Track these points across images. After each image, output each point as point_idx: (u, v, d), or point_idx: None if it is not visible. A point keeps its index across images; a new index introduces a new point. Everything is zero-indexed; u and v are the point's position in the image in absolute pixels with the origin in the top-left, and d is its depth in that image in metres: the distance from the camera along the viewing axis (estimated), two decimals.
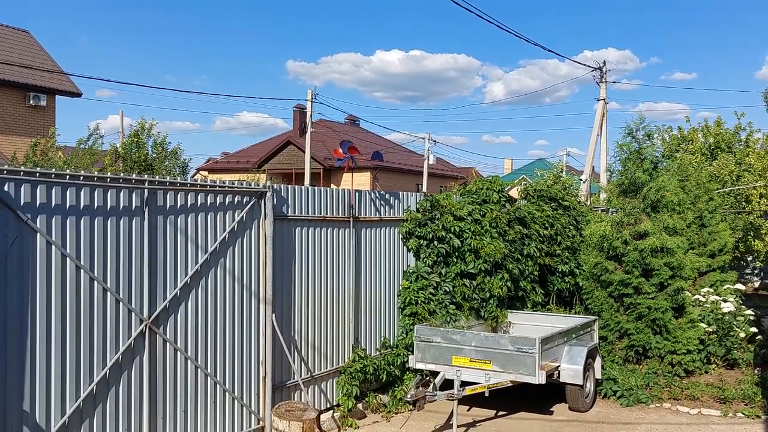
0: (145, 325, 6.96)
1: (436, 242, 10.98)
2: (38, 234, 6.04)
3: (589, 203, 18.85)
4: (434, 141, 42.73)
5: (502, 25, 35.04)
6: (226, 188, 7.96)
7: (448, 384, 9.51)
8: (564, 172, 24.92)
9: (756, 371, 11.61)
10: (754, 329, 12.79)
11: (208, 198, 7.75)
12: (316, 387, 9.34)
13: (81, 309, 6.38)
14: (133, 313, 6.86)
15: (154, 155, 23.68)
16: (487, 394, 9.25)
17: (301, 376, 8.96)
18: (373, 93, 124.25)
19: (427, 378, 10.03)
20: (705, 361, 11.95)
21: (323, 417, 9.10)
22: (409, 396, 9.07)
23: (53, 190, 6.17)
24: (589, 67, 23.08)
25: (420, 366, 9.99)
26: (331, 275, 9.57)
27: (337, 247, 9.69)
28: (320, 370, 9.37)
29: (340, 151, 10.28)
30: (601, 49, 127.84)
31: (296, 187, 9.02)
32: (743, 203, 21.29)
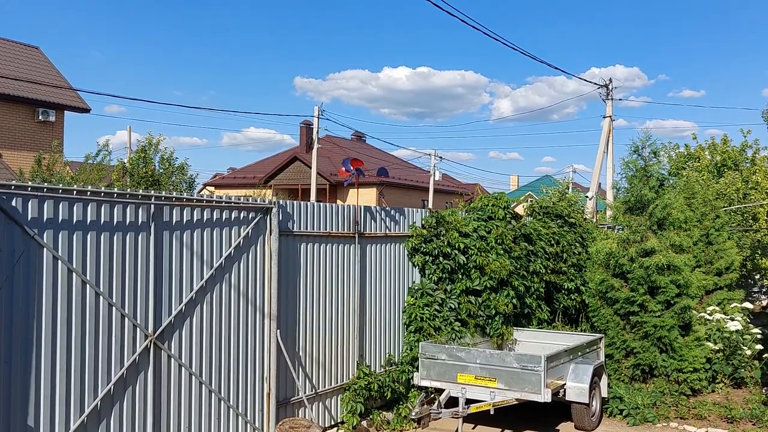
0: (150, 341, 6.97)
1: (441, 258, 10.98)
2: (45, 249, 6.08)
3: (595, 220, 18.82)
4: (440, 157, 42.69)
5: (508, 43, 35.10)
6: (232, 204, 7.99)
7: (452, 401, 9.47)
8: (570, 189, 24.92)
9: (764, 390, 11.52)
10: (760, 347, 12.71)
11: (214, 213, 7.78)
12: (320, 404, 9.31)
13: (86, 324, 6.40)
14: (138, 329, 6.88)
15: (161, 171, 23.84)
16: (492, 412, 9.21)
17: (305, 392, 8.94)
18: (380, 109, 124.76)
19: (432, 395, 9.99)
20: (712, 379, 11.88)
21: None
22: (413, 413, 9.03)
23: (60, 206, 6.21)
24: (596, 84, 23.09)
25: (425, 383, 9.95)
26: (336, 291, 9.57)
27: (342, 263, 9.70)
28: (324, 386, 9.35)
29: (344, 170, 10.31)
30: (609, 66, 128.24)
31: (302, 202, 9.04)
32: (750, 221, 21.23)
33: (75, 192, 6.34)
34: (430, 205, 39.14)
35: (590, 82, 23.77)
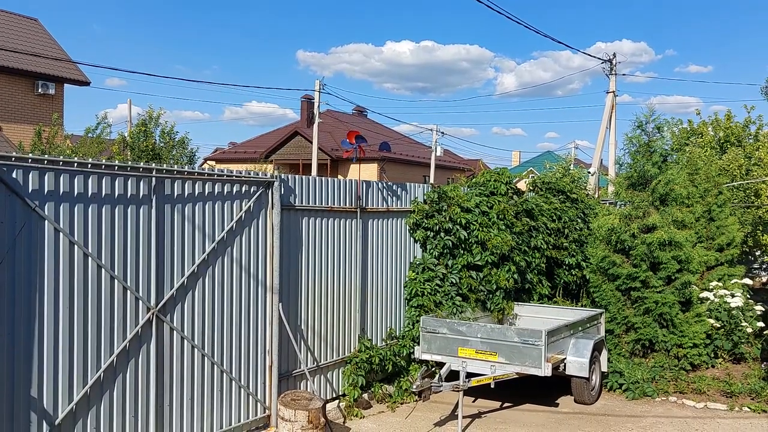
0: (153, 313, 6.99)
1: (443, 234, 10.97)
2: (46, 221, 6.06)
3: (597, 196, 18.76)
4: (442, 132, 42.55)
5: (512, 16, 34.79)
6: (234, 177, 7.95)
7: (453, 375, 9.52)
8: (572, 165, 24.82)
9: (763, 366, 11.57)
10: (761, 324, 12.73)
11: (216, 187, 7.75)
12: (322, 376, 9.36)
13: (88, 296, 6.41)
14: (140, 301, 6.89)
15: (161, 144, 23.76)
16: (492, 386, 9.26)
17: (307, 365, 8.98)
18: (383, 84, 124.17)
19: (433, 369, 10.04)
20: (712, 355, 11.91)
21: (329, 406, 9.13)
22: (414, 386, 9.08)
23: (61, 178, 6.19)
24: (599, 59, 22.87)
25: (426, 357, 10.00)
26: (337, 265, 9.57)
27: (344, 237, 9.69)
28: (326, 359, 9.39)
29: (347, 149, 10.26)
30: (615, 41, 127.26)
31: (304, 177, 9.01)
32: (752, 197, 21.16)
33: (76, 164, 6.31)
34: (432, 181, 39.09)
35: (594, 56, 23.63)
